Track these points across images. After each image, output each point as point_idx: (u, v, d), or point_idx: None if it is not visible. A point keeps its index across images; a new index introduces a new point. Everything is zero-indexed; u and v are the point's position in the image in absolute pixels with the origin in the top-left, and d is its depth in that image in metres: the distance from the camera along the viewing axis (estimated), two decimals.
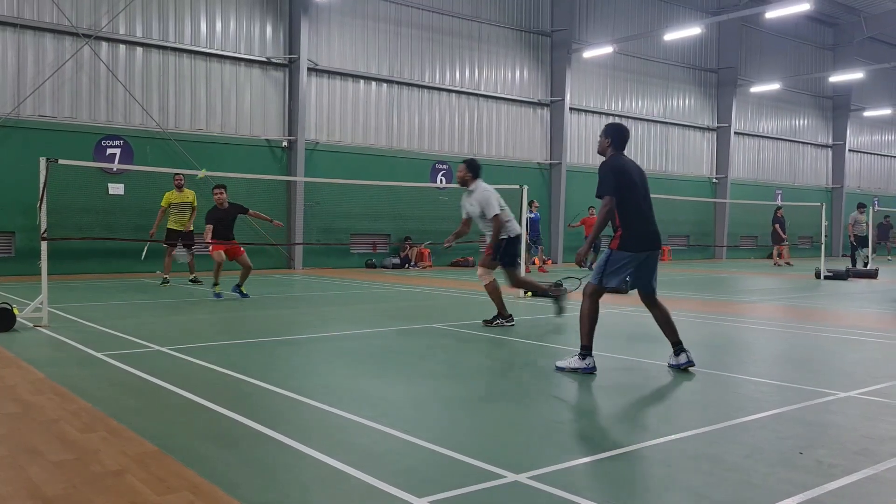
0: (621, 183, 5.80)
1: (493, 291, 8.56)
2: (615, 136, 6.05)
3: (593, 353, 5.84)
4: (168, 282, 13.90)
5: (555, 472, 3.50)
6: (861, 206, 22.15)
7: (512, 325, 8.57)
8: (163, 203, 14.06)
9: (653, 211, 6.00)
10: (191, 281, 14.14)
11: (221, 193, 11.59)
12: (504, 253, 8.54)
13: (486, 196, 8.48)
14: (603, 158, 6.05)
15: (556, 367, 5.92)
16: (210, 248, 11.63)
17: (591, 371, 5.77)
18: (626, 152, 6.07)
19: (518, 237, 8.75)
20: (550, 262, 22.19)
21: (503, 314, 8.61)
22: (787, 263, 24.17)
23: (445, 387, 5.44)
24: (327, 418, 4.49)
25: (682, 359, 5.99)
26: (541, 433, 4.25)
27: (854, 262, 21.45)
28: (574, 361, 5.82)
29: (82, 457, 3.68)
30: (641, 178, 5.99)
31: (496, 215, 8.38)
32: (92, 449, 3.80)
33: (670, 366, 6.05)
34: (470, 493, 3.23)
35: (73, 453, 3.74)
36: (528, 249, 19.84)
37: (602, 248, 6.65)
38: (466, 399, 5.05)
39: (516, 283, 9.04)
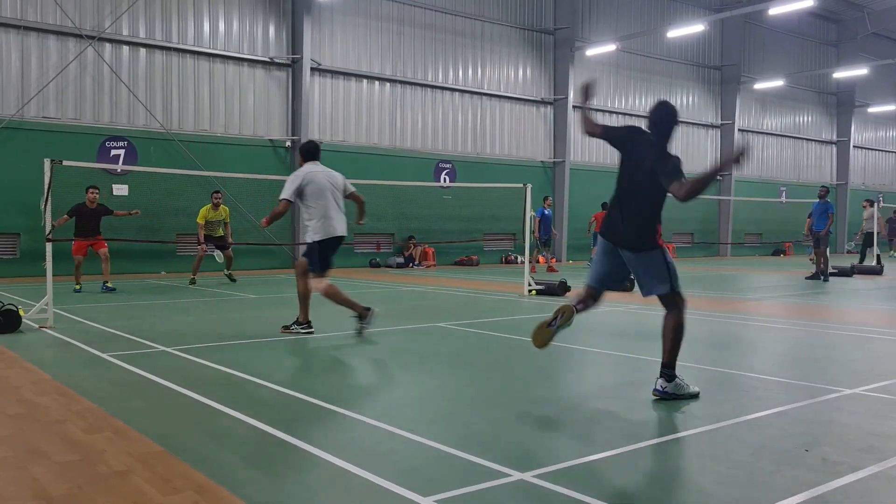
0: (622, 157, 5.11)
1: (335, 294, 7.65)
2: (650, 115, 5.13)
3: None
4: (195, 282, 14.22)
5: (560, 470, 3.50)
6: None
7: (310, 334, 7.72)
8: (199, 220, 14.38)
9: (633, 199, 4.93)
10: (227, 276, 14.74)
11: (95, 193, 12.71)
12: (319, 257, 7.73)
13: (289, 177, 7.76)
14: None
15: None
16: (72, 248, 12.64)
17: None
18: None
19: (330, 240, 7.75)
20: (554, 259, 22.16)
21: (302, 320, 7.78)
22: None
23: (450, 386, 5.44)
24: (332, 418, 4.49)
25: (658, 384, 4.97)
26: (546, 431, 4.24)
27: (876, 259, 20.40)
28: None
29: (87, 457, 3.69)
30: (642, 154, 4.93)
31: (282, 200, 7.64)
32: (97, 449, 3.81)
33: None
34: (475, 491, 3.22)
35: (78, 454, 3.74)
36: (537, 247, 19.92)
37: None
38: (471, 398, 5.05)
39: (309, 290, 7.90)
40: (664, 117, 5.06)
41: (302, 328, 7.85)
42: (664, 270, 4.93)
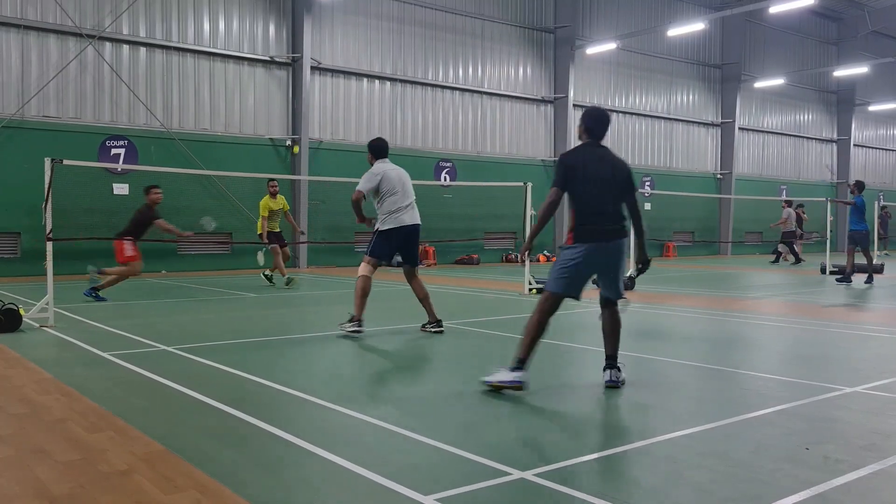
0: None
1: (359, 288, 7.60)
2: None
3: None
4: (293, 280, 13.58)
5: (561, 468, 3.50)
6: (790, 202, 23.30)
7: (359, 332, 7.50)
8: (263, 212, 13.56)
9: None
10: (286, 280, 13.69)
11: None
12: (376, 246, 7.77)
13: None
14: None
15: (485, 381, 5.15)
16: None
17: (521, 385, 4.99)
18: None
19: (395, 230, 7.72)
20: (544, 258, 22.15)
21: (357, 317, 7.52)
22: (784, 259, 23.61)
23: (451, 384, 5.45)
24: (333, 416, 4.49)
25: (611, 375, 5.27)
26: (547, 430, 4.25)
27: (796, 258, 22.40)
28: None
29: (89, 456, 3.69)
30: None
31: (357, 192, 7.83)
32: (99, 448, 3.82)
33: None
34: (476, 490, 3.23)
35: (80, 453, 3.75)
36: None
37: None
38: (472, 396, 5.05)
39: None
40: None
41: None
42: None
